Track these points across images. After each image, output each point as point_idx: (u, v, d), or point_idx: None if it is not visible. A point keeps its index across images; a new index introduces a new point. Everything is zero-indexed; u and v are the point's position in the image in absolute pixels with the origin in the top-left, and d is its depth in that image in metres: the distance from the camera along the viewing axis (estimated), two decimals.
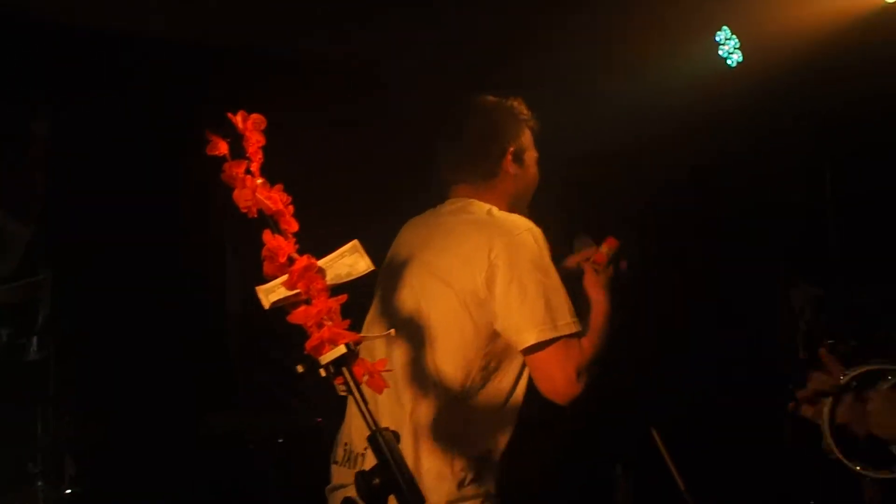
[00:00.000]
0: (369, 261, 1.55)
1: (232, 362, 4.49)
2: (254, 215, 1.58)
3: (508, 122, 2.52)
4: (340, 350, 1.47)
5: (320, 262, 1.54)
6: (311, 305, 1.50)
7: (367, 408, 1.49)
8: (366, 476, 1.45)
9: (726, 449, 4.31)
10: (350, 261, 1.55)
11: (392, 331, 1.75)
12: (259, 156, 1.60)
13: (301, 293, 1.51)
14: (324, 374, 1.49)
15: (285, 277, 1.52)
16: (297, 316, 1.51)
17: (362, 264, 1.56)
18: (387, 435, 1.46)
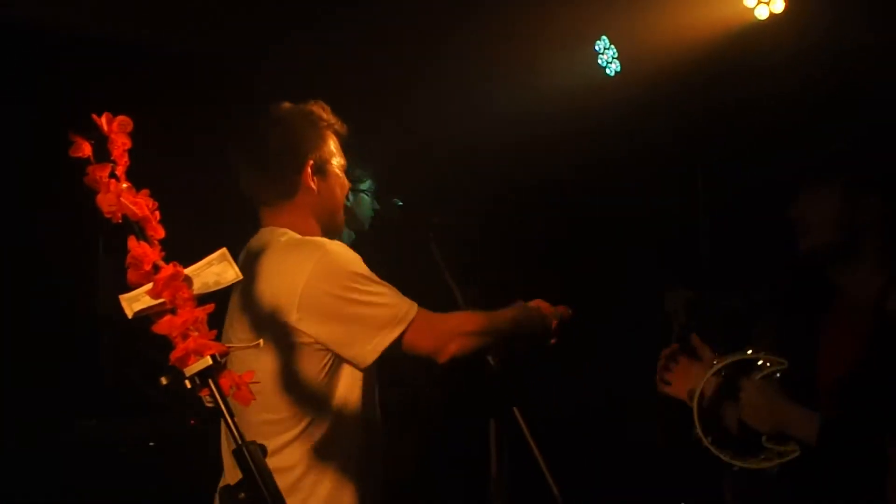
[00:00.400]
0: (238, 270, 1.51)
1: (101, 364, 4.34)
2: (118, 220, 1.52)
3: (306, 131, 2.30)
4: (206, 362, 1.43)
5: (187, 271, 1.49)
6: (176, 315, 1.45)
7: (234, 420, 1.45)
8: (231, 491, 1.42)
9: (599, 451, 4.42)
10: (218, 269, 1.51)
11: (260, 341, 1.71)
12: (125, 159, 1.54)
13: (166, 302, 1.46)
14: (189, 386, 1.44)
15: (150, 286, 1.46)
16: (161, 326, 1.46)
17: (231, 273, 1.51)
18: (253, 449, 1.43)
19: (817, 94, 3.95)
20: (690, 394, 2.12)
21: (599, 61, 4.56)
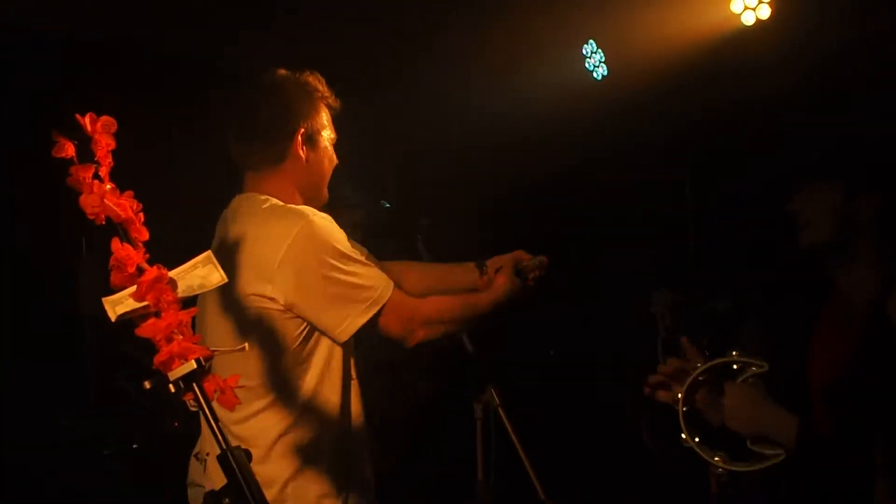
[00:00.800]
0: (223, 273, 1.50)
1: (86, 364, 4.31)
2: (101, 222, 1.50)
3: (300, 99, 2.28)
4: (190, 366, 1.42)
5: (171, 273, 1.48)
6: (160, 318, 1.44)
7: (218, 425, 1.44)
8: (215, 496, 1.41)
9: (587, 448, 4.43)
10: (203, 272, 1.50)
11: (245, 345, 1.70)
12: (109, 160, 1.52)
13: (150, 305, 1.45)
14: (173, 390, 1.43)
15: (133, 289, 1.45)
16: (145, 329, 1.45)
17: (216, 276, 1.50)
18: (238, 454, 1.42)
19: (803, 98, 3.97)
20: (675, 398, 2.12)
21: (587, 65, 4.58)
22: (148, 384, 1.43)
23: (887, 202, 2.01)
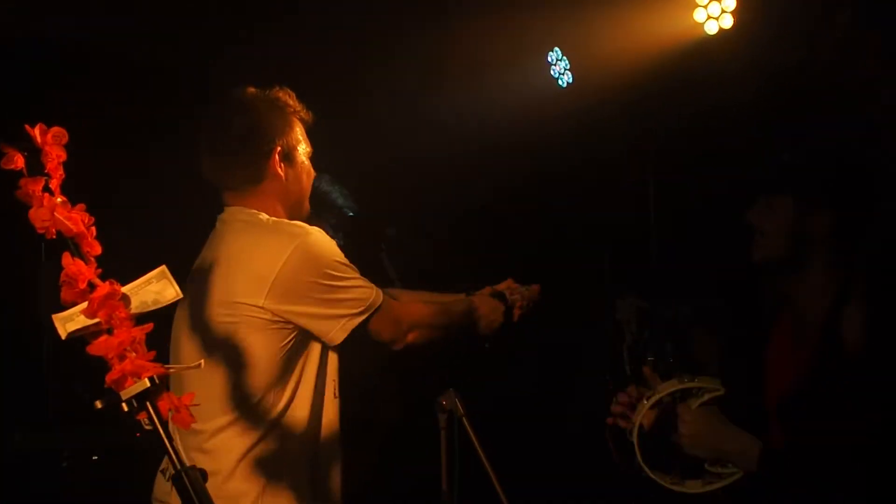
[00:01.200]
0: (178, 288, 1.47)
1: (43, 373, 4.23)
2: (52, 236, 1.46)
3: (273, 116, 2.27)
4: (144, 384, 1.38)
5: (124, 289, 1.45)
6: (112, 336, 1.41)
7: (173, 445, 1.40)
8: None
9: (552, 457, 4.42)
10: (157, 287, 1.46)
11: (201, 362, 1.66)
12: (59, 172, 1.49)
13: (102, 322, 1.41)
14: (126, 409, 1.40)
15: (85, 305, 1.41)
16: (97, 347, 1.41)
17: (170, 291, 1.47)
18: (192, 474, 1.39)
19: (765, 106, 4.00)
20: (630, 426, 2.10)
21: (552, 72, 4.59)
22: (99, 404, 1.40)
23: (840, 219, 2.01)
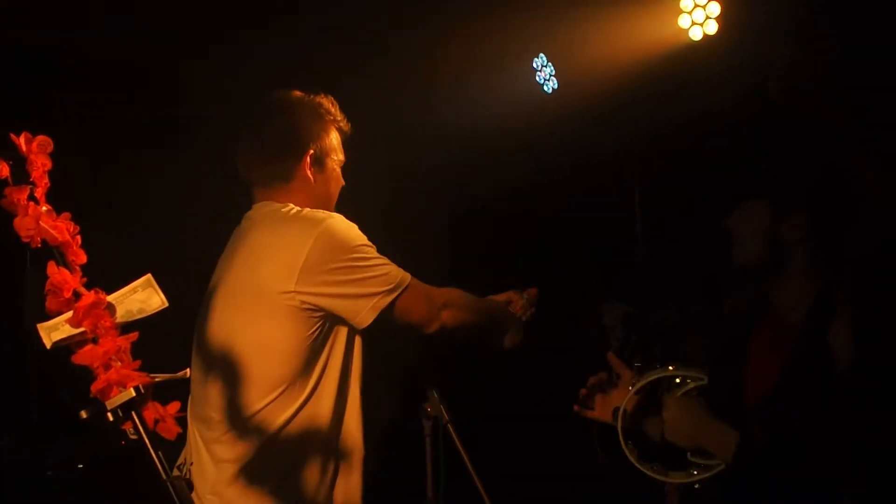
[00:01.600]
0: (163, 297, 1.47)
1: (28, 381, 4.21)
2: (37, 245, 1.46)
3: (311, 120, 2.31)
4: (129, 394, 1.38)
5: (110, 298, 1.45)
6: (97, 345, 1.41)
7: (158, 455, 1.40)
8: None
9: (538, 463, 4.42)
10: (143, 296, 1.46)
11: (187, 371, 1.66)
12: (44, 181, 1.48)
13: (87, 331, 1.41)
14: (111, 419, 1.39)
15: (70, 314, 1.41)
16: (82, 356, 1.41)
17: (156, 300, 1.47)
18: (178, 484, 1.39)
19: (749, 111, 4.02)
20: (615, 412, 2.13)
21: (537, 78, 4.61)
22: (84, 413, 1.39)
23: (814, 222, 2.03)
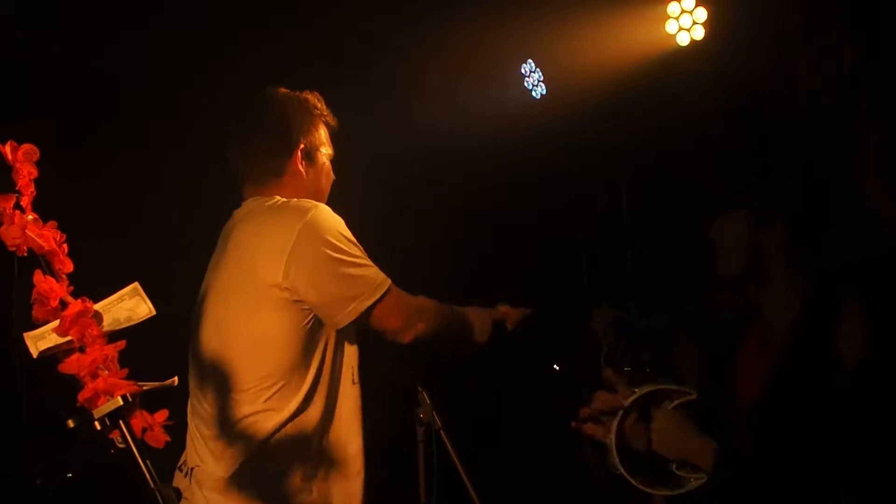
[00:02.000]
0: (150, 305, 1.46)
1: (17, 388, 4.19)
2: (23, 253, 1.46)
3: (300, 115, 2.36)
4: (116, 402, 1.38)
5: (97, 306, 1.44)
6: (85, 353, 1.40)
7: (146, 463, 1.40)
8: None
9: (531, 470, 4.42)
10: (130, 304, 1.46)
11: (174, 379, 1.65)
12: (31, 189, 1.48)
13: (74, 340, 1.40)
14: (98, 427, 1.39)
15: (56, 323, 1.41)
16: (69, 365, 1.41)
17: (143, 308, 1.46)
18: (166, 492, 1.38)
19: (736, 116, 4.03)
20: (608, 426, 2.13)
21: (525, 84, 4.62)
22: (72, 423, 1.39)
23: (792, 228, 2.05)
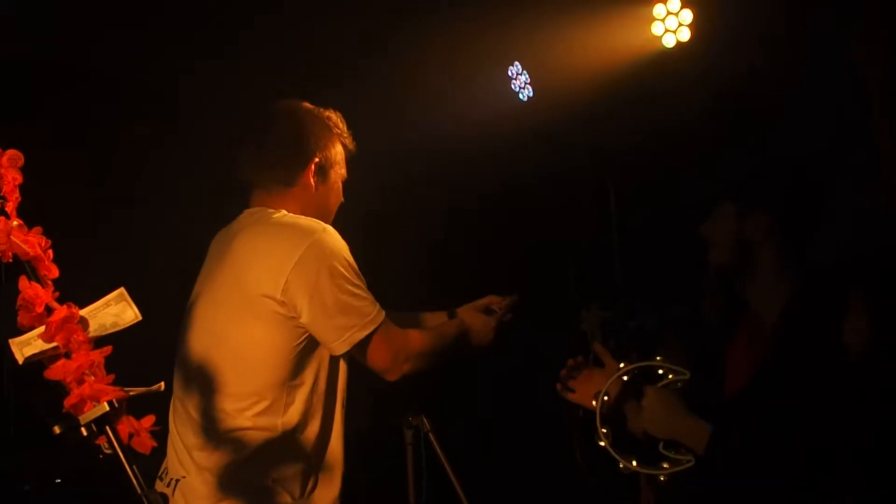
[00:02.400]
0: (136, 310, 1.46)
1: (4, 393, 4.17)
2: (8, 259, 1.46)
3: (319, 129, 2.36)
4: (103, 408, 1.38)
5: (83, 312, 1.44)
6: (70, 359, 1.40)
7: (134, 469, 1.40)
8: None
9: (519, 471, 4.43)
10: (116, 310, 1.46)
11: (161, 384, 1.65)
12: (15, 195, 1.48)
13: (60, 346, 1.40)
14: (85, 433, 1.39)
15: (42, 329, 1.40)
16: (54, 371, 1.40)
17: (130, 314, 1.46)
18: (153, 498, 1.38)
19: (722, 117, 4.05)
20: (595, 396, 2.15)
21: (512, 86, 4.62)
22: (58, 429, 1.38)
23: (777, 220, 2.08)
